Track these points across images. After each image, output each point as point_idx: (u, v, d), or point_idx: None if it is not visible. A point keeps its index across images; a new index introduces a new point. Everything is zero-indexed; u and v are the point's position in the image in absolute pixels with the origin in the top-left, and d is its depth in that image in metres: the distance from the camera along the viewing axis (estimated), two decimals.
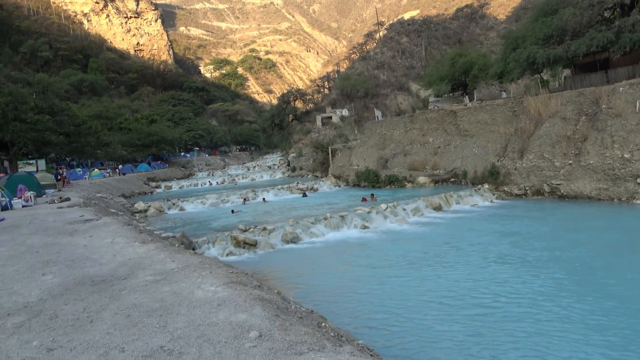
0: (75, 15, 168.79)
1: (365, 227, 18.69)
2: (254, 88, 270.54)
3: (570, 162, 21.35)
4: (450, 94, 42.25)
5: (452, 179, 27.49)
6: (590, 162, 20.47)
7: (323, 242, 17.10)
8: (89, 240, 9.22)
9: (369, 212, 19.93)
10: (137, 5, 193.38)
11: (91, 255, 7.58)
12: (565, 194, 21.09)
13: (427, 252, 13.83)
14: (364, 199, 24.51)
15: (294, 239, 17.28)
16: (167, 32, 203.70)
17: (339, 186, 34.61)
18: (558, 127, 22.52)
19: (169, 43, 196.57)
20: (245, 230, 17.59)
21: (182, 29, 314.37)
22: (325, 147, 40.97)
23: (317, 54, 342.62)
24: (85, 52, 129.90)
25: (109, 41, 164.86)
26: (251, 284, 5.32)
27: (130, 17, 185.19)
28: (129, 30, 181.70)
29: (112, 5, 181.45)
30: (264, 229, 17.76)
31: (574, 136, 21.84)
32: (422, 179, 28.38)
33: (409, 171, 29.53)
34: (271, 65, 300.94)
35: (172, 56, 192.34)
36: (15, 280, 6.22)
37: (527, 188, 22.68)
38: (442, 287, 10.00)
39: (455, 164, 27.58)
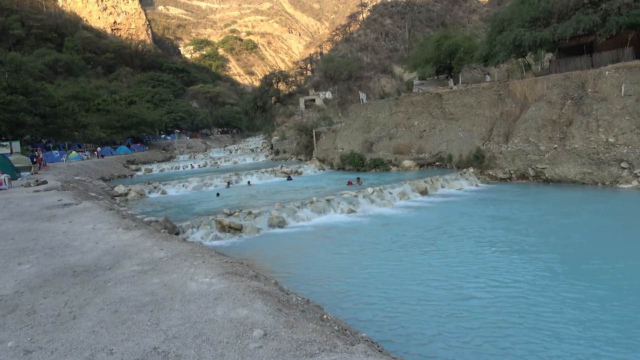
0: None
1: (352, 211, 18.49)
2: (235, 70, 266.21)
3: (556, 146, 21.42)
4: (435, 77, 42.03)
5: (438, 163, 27.44)
6: (575, 147, 20.55)
7: (310, 227, 16.85)
8: (68, 226, 8.72)
9: (355, 196, 19.72)
10: None
11: (71, 243, 7.10)
12: (549, 178, 21.19)
13: (417, 237, 13.70)
14: (349, 183, 24.30)
15: (280, 223, 16.99)
16: (145, 10, 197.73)
17: (324, 170, 34.31)
18: (544, 111, 22.53)
19: (147, 22, 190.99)
20: (230, 215, 17.21)
21: (160, 7, 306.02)
22: (309, 130, 40.49)
23: (299, 35, 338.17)
24: (60, 31, 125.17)
25: (85, 19, 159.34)
26: (247, 274, 4.95)
27: None
28: (105, 9, 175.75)
29: None
30: (250, 213, 17.41)
31: (559, 120, 21.88)
32: (407, 163, 28.26)
33: (394, 155, 29.37)
34: (252, 47, 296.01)
35: (150, 36, 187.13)
36: None
37: (512, 172, 22.73)
38: (436, 274, 9.86)
39: (441, 148, 27.50)
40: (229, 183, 29.30)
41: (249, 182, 29.66)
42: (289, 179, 30.27)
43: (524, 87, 23.38)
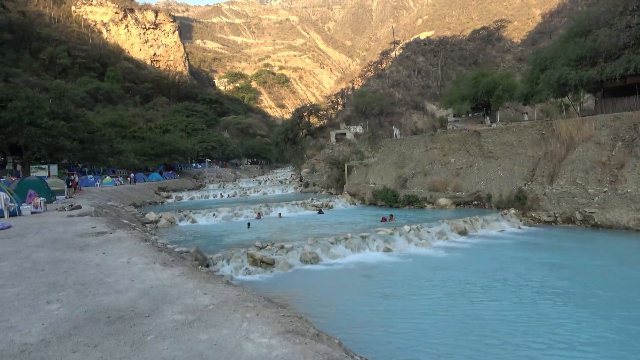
0: (95, 25, 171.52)
1: (388, 250, 17.64)
2: (266, 102, 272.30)
3: (605, 189, 20.21)
4: (470, 115, 41.38)
5: (475, 202, 26.39)
6: (628, 191, 19.31)
7: (344, 265, 16.07)
8: (101, 257, 8.27)
9: (391, 234, 18.90)
10: (156, 17, 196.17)
11: (105, 279, 6.58)
12: (599, 223, 19.89)
13: (463, 284, 12.71)
14: (383, 219, 23.56)
15: (314, 260, 16.28)
16: (183, 44, 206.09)
17: (355, 204, 33.63)
18: (592, 152, 21.43)
19: (185, 55, 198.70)
20: (261, 248, 16.65)
21: (198, 41, 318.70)
22: (341, 163, 40.10)
23: (331, 71, 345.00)
24: (103, 61, 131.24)
25: (127, 51, 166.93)
26: (309, 332, 4.25)
27: (149, 28, 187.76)
28: (146, 41, 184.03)
29: (131, 16, 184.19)
30: (282, 247, 16.81)
31: (609, 162, 20.72)
32: (443, 201, 27.32)
33: (429, 192, 28.48)
34: (284, 81, 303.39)
35: (187, 68, 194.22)
36: (15, 308, 5.23)
37: (557, 215, 21.50)
38: (490, 330, 8.89)
39: (479, 187, 26.51)
40: (259, 214, 28.93)
41: (279, 214, 29.22)
42: (320, 212, 29.70)
43: (569, 127, 22.41)
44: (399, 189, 30.43)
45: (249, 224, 23.92)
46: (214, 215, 29.13)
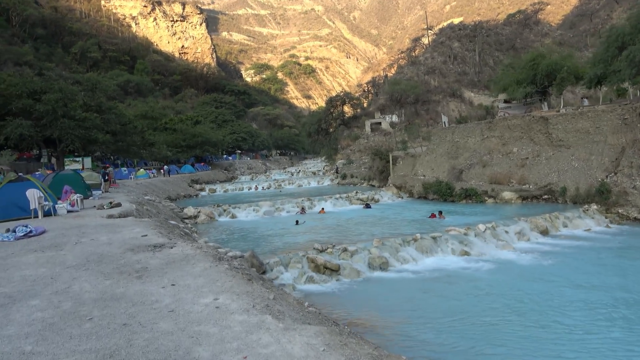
0: (124, 18, 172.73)
1: (465, 254, 15.34)
2: (293, 93, 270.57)
3: None
4: (524, 100, 38.28)
5: (546, 196, 23.69)
6: None
7: (417, 271, 13.87)
8: (172, 293, 5.91)
9: (465, 234, 16.59)
10: (183, 9, 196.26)
11: (193, 348, 4.12)
12: None
13: (565, 299, 10.39)
14: (432, 215, 21.28)
15: (383, 265, 14.15)
16: (210, 36, 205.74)
17: (402, 198, 31.28)
18: None
19: (213, 47, 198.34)
20: (322, 251, 14.60)
21: (224, 33, 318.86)
22: (384, 153, 37.67)
23: (357, 60, 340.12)
24: (132, 54, 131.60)
25: (155, 44, 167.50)
26: None
27: (177, 21, 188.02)
28: (174, 34, 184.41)
29: (159, 9, 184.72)
30: (345, 250, 14.73)
31: None
32: (507, 195, 24.71)
33: (491, 185, 25.89)
34: (310, 71, 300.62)
35: (215, 60, 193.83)
36: None
37: None
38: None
39: (550, 179, 23.78)
40: (303, 209, 26.96)
41: (322, 209, 27.15)
42: (368, 206, 27.51)
43: None
44: (453, 182, 27.92)
45: (297, 221, 21.96)
46: (254, 210, 27.45)
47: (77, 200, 15.90)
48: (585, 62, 32.17)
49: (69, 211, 15.30)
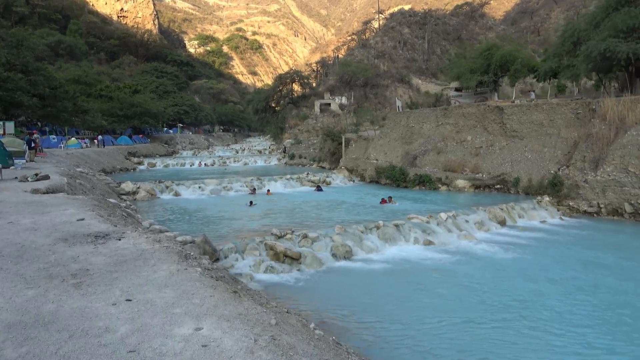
0: None
1: (429, 243, 14.79)
2: (238, 68, 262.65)
3: None
4: (475, 90, 38.67)
5: (498, 186, 23.84)
6: None
7: (382, 261, 13.14)
8: (128, 315, 3.99)
9: (427, 222, 16.06)
10: None
11: None
12: None
13: (535, 295, 10.22)
14: (383, 201, 20.80)
15: (347, 254, 13.25)
16: (153, 1, 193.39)
17: (353, 181, 30.66)
18: None
19: (155, 13, 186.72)
20: (280, 237, 13.45)
21: (168, 0, 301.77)
22: (337, 135, 36.76)
23: (305, 39, 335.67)
24: (65, 13, 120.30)
25: (91, 4, 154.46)
26: None
27: None
28: None
29: None
30: (305, 236, 13.67)
31: None
32: (461, 183, 24.67)
33: (445, 172, 25.73)
34: (257, 47, 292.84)
35: (157, 27, 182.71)
36: None
37: (601, 205, 19.17)
38: None
39: (503, 169, 23.92)
40: (253, 189, 25.51)
41: (268, 190, 25.79)
42: (319, 189, 26.55)
43: (620, 107, 19.88)
44: (407, 167, 27.55)
45: (251, 202, 20.54)
46: (200, 187, 25.74)
47: None
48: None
49: None
